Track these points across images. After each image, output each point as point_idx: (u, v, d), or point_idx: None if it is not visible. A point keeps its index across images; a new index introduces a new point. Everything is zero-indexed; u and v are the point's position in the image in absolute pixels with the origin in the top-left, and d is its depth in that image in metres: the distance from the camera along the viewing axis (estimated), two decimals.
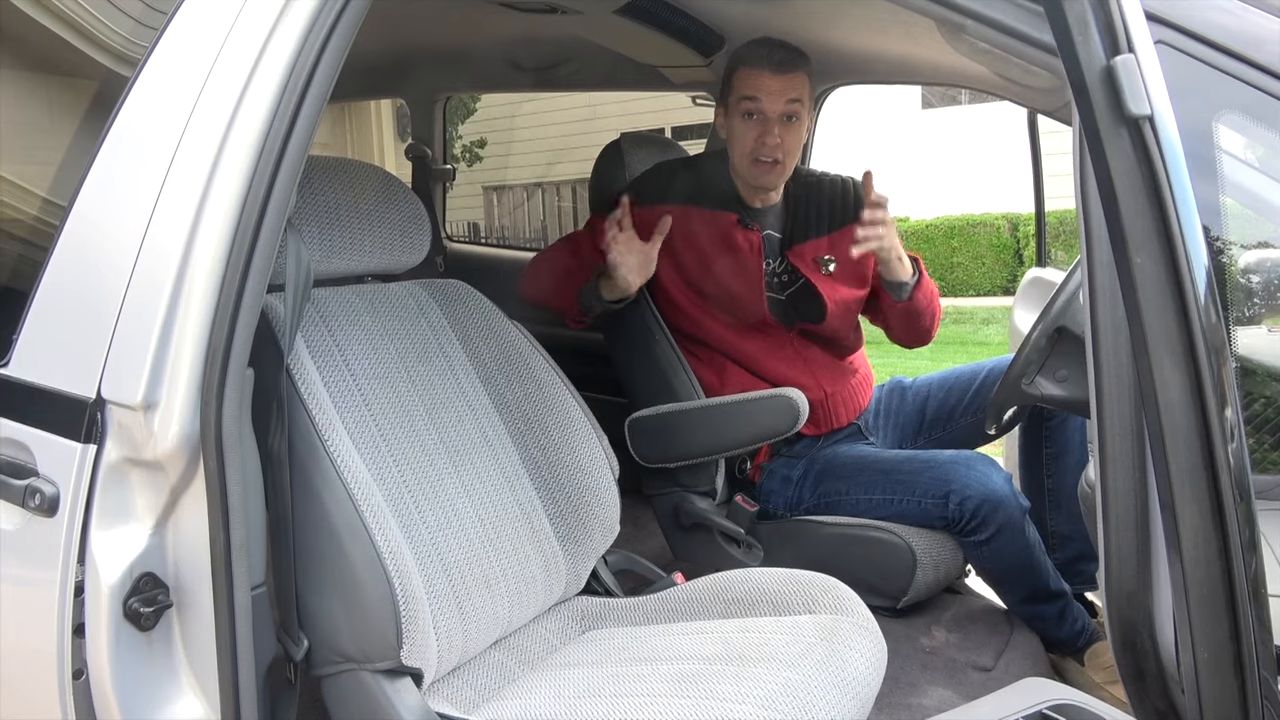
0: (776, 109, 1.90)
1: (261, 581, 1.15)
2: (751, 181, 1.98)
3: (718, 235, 1.98)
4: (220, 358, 1.05)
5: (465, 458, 1.45)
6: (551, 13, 2.09)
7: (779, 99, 1.89)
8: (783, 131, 1.91)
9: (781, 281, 2.03)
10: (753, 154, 1.93)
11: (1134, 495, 0.91)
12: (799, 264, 2.01)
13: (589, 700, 1.24)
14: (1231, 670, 0.83)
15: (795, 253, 2.02)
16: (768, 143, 1.91)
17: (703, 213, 2.00)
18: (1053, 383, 1.56)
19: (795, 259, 2.01)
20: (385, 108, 5.23)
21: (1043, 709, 1.06)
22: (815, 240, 2.03)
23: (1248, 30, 0.95)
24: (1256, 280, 1.02)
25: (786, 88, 1.89)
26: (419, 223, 1.48)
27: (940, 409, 2.11)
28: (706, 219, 1.99)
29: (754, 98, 1.90)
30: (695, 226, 1.98)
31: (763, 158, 1.93)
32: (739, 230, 1.99)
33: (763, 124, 1.91)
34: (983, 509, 1.81)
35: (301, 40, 1.09)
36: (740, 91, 1.92)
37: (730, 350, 1.99)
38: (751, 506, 1.96)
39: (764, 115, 1.91)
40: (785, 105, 1.90)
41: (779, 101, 1.89)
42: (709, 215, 2.00)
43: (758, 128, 1.91)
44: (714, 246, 1.98)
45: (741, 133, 1.94)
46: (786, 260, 2.02)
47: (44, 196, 1.36)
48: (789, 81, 1.89)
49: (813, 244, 2.03)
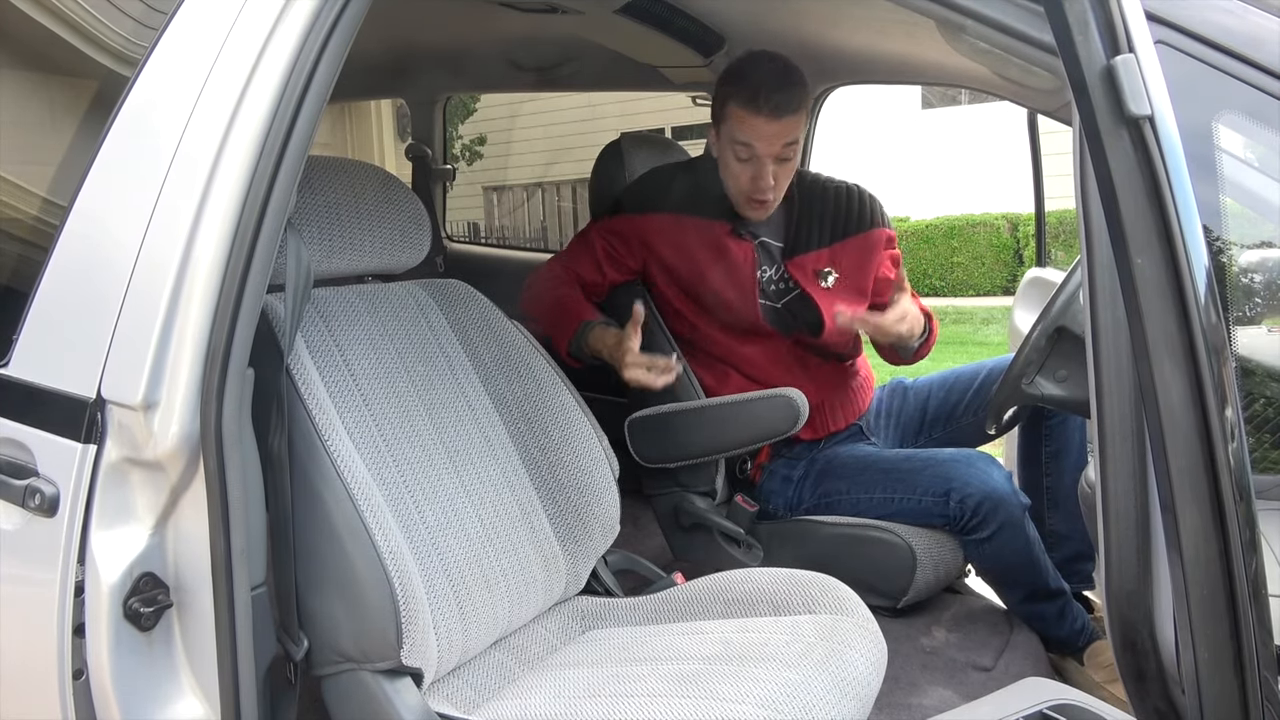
0: (772, 152, 1.85)
1: (262, 581, 1.15)
2: (744, 214, 1.96)
3: (710, 244, 1.96)
4: (220, 358, 1.05)
5: (465, 458, 1.45)
6: (551, 13, 2.09)
7: (775, 143, 1.84)
8: (777, 171, 1.87)
9: (779, 290, 2.01)
10: (746, 193, 1.90)
11: (1134, 495, 0.91)
12: (798, 275, 1.98)
13: (589, 700, 1.24)
14: (1232, 670, 0.84)
15: (796, 264, 1.99)
16: (761, 185, 1.87)
17: (696, 221, 1.97)
18: (1053, 383, 1.57)
19: (795, 270, 1.98)
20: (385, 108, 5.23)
21: (1043, 709, 1.06)
22: (816, 251, 2.00)
23: (1248, 30, 0.95)
24: (1257, 280, 1.02)
25: (783, 131, 1.84)
26: (419, 223, 1.48)
27: (941, 409, 2.11)
28: (700, 227, 1.97)
29: (748, 144, 1.85)
30: (688, 235, 1.97)
31: (756, 196, 1.90)
32: (731, 239, 1.97)
33: (756, 165, 1.87)
34: (983, 506, 1.81)
35: (302, 40, 1.09)
36: (734, 134, 1.86)
37: (727, 355, 1.99)
38: (751, 506, 1.96)
39: (758, 159, 1.86)
40: (781, 149, 1.85)
41: (774, 146, 1.85)
42: (702, 224, 1.97)
43: (751, 169, 1.87)
44: (707, 255, 1.96)
45: (735, 171, 1.90)
46: (785, 269, 2.00)
47: (44, 196, 1.36)
48: (786, 125, 1.83)
49: (814, 255, 1.99)
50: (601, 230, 2.03)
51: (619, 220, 2.02)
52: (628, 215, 2.01)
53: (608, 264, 2.00)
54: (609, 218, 2.04)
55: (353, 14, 1.09)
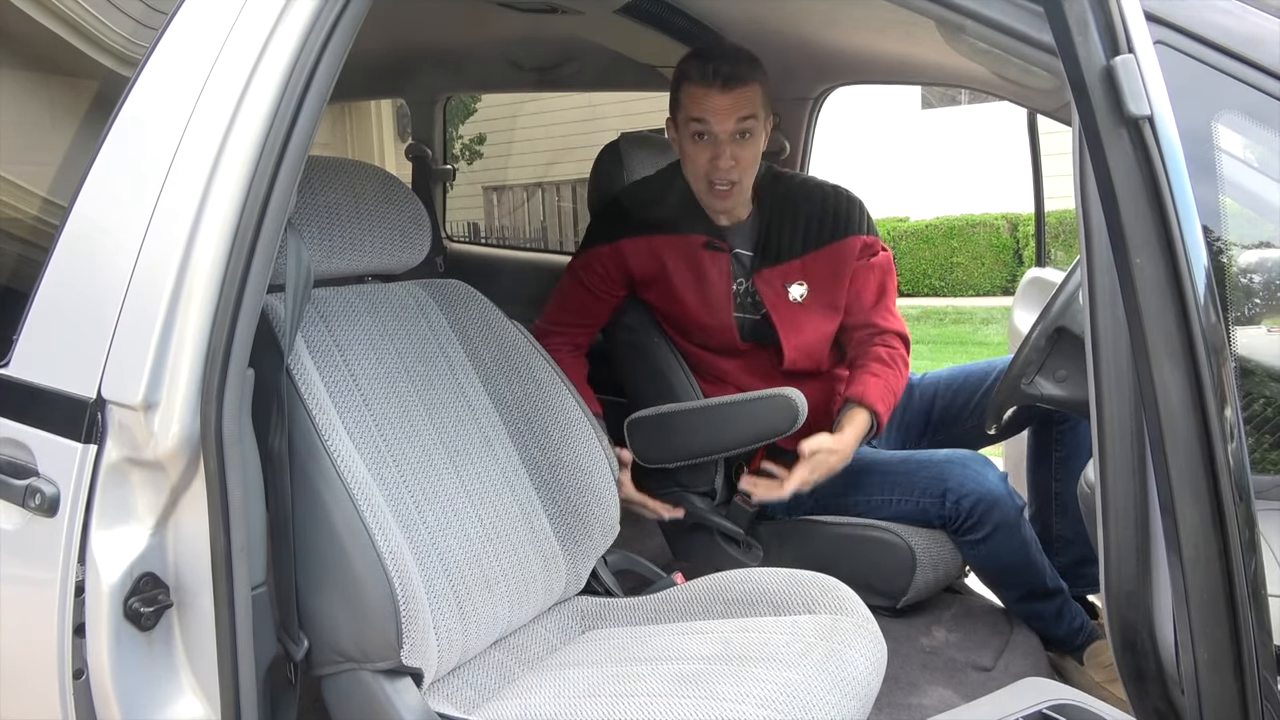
0: (727, 128, 1.78)
1: (262, 581, 1.15)
2: (708, 206, 1.91)
3: (686, 261, 1.92)
4: (220, 358, 1.05)
5: (465, 458, 1.45)
6: (552, 13, 2.09)
7: (729, 118, 1.77)
8: (736, 151, 1.80)
9: (754, 301, 1.95)
10: (706, 177, 1.84)
11: (1133, 496, 0.91)
12: (765, 291, 1.91)
13: (589, 700, 1.24)
14: (1231, 670, 0.84)
15: (763, 278, 1.92)
16: (720, 165, 1.81)
17: (669, 240, 1.93)
18: (1052, 383, 1.57)
19: (761, 284, 1.91)
20: (385, 108, 5.23)
21: (1042, 709, 1.06)
22: (787, 264, 1.92)
23: (1247, 30, 0.95)
24: (1256, 280, 1.02)
25: (736, 105, 1.77)
26: (419, 223, 1.48)
27: (948, 410, 2.08)
28: (674, 245, 1.92)
29: (702, 119, 1.78)
30: (664, 256, 1.92)
31: (717, 182, 1.83)
32: (706, 254, 1.92)
33: (713, 146, 1.80)
34: (978, 508, 1.81)
35: (302, 40, 1.09)
36: (688, 111, 1.80)
37: (711, 370, 1.98)
38: (751, 507, 1.96)
39: (714, 137, 1.79)
40: (736, 124, 1.78)
41: (729, 120, 1.78)
42: (677, 241, 1.92)
43: (708, 150, 1.81)
44: (682, 278, 1.92)
45: (693, 155, 1.83)
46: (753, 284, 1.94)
47: (44, 196, 1.36)
48: (739, 98, 1.76)
49: (783, 268, 1.92)
50: (580, 268, 2.01)
51: (592, 255, 1.99)
52: (599, 247, 1.98)
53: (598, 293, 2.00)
54: (585, 252, 2.01)
55: (353, 14, 1.10)
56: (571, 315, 2.03)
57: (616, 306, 2.03)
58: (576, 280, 2.02)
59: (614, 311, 2.03)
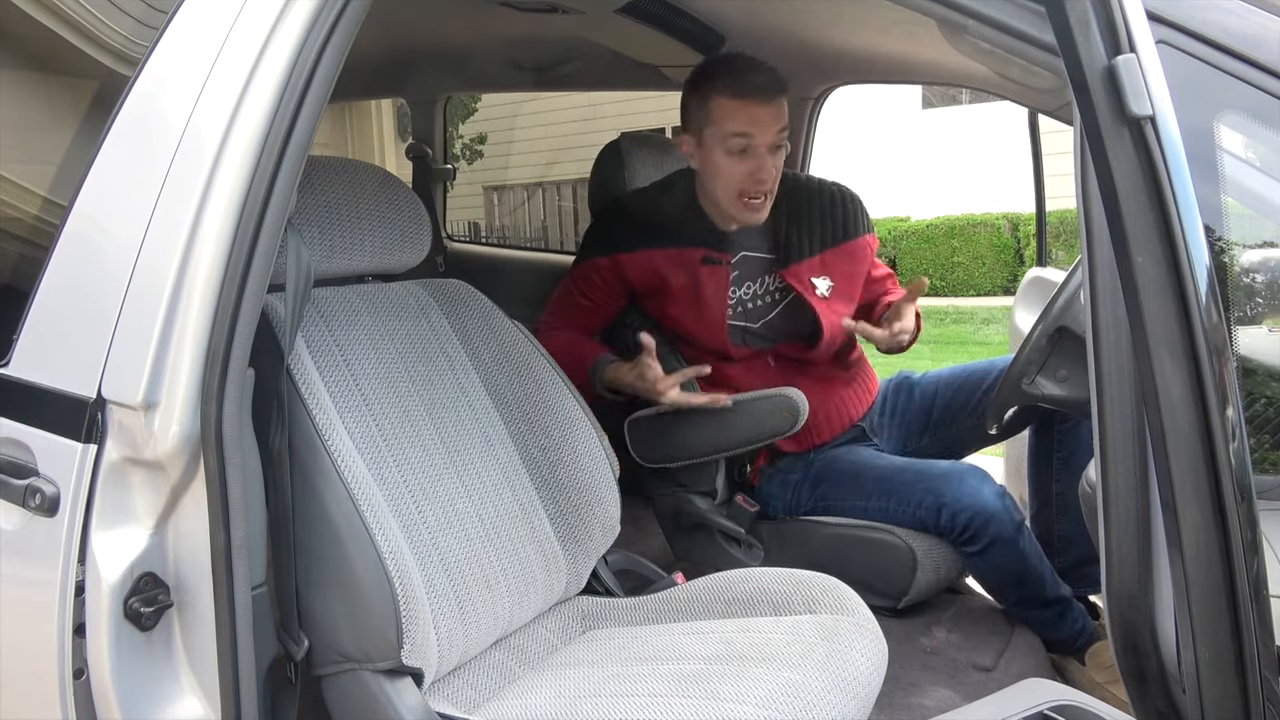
0: (769, 140, 1.80)
1: (262, 581, 1.15)
2: (740, 219, 1.90)
3: (683, 276, 1.92)
4: (220, 358, 1.05)
5: (465, 457, 1.45)
6: (552, 12, 2.09)
7: (770, 129, 1.79)
8: (774, 162, 1.82)
9: (764, 304, 1.97)
10: (743, 191, 1.83)
11: (1135, 495, 0.91)
12: (797, 285, 1.93)
13: (589, 700, 1.24)
14: (1233, 670, 0.84)
15: (792, 273, 1.94)
16: (763, 178, 1.81)
17: (668, 254, 1.93)
18: (1053, 382, 1.57)
19: (793, 279, 1.93)
20: (385, 108, 5.24)
21: (1043, 709, 1.06)
22: (809, 260, 1.95)
23: (1249, 30, 0.95)
24: (1258, 280, 1.02)
25: (776, 116, 1.79)
26: (419, 223, 1.48)
27: (948, 408, 2.08)
28: (673, 260, 1.92)
29: (745, 133, 1.78)
30: (663, 272, 1.92)
31: (754, 196, 1.84)
32: (704, 269, 1.92)
33: (756, 159, 1.80)
34: (974, 523, 1.81)
35: (302, 40, 1.09)
36: (726, 127, 1.79)
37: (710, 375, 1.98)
38: (752, 507, 1.96)
39: (756, 149, 1.80)
40: (776, 135, 1.81)
41: (770, 132, 1.79)
42: (675, 255, 1.92)
43: (750, 162, 1.81)
44: (680, 293, 1.92)
45: (729, 169, 1.82)
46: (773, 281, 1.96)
47: (44, 196, 1.36)
48: (778, 109, 1.79)
49: (807, 264, 1.95)
50: (579, 277, 2.01)
51: (590, 266, 1.99)
52: (598, 258, 1.98)
53: (597, 302, 2.00)
54: (583, 262, 2.01)
55: (353, 14, 1.09)
56: (571, 318, 2.03)
57: (617, 314, 2.03)
58: (576, 288, 2.02)
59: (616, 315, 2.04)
